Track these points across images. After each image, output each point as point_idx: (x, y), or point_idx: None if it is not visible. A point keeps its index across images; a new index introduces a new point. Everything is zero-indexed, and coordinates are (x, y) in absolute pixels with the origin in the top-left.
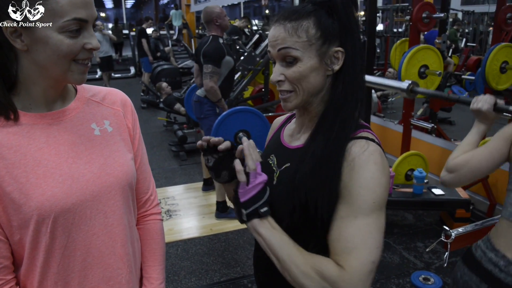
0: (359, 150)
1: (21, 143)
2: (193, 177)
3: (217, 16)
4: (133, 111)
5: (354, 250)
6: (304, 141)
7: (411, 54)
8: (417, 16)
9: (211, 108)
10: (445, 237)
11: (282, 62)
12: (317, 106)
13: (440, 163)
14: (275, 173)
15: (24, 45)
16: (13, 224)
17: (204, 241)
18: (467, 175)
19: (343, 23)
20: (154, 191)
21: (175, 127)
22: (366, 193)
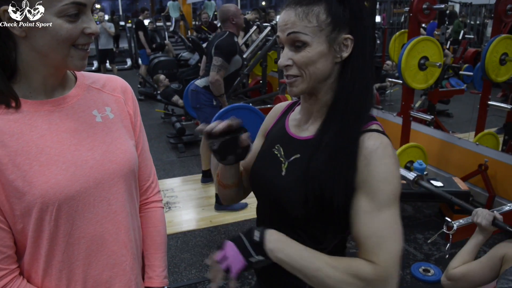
0: (373, 144)
1: (23, 130)
2: (191, 169)
3: (233, 15)
4: (133, 98)
5: (384, 244)
6: (314, 132)
7: (411, 46)
8: (418, 7)
9: (207, 99)
10: (447, 229)
11: (291, 46)
12: (325, 94)
13: (439, 155)
14: (283, 164)
15: (23, 31)
16: (16, 213)
17: (204, 233)
18: (464, 285)
19: (354, 12)
20: (155, 178)
21: (173, 119)
22: (386, 187)
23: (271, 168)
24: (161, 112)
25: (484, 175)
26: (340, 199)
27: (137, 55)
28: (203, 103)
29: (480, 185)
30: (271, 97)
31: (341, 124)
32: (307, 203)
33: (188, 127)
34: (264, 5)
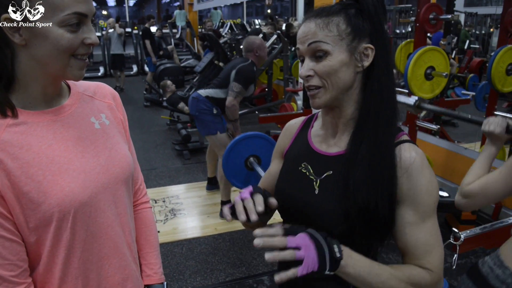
0: (410, 156)
1: (30, 141)
2: (196, 176)
3: (257, 47)
4: (121, 104)
5: (433, 251)
6: (345, 147)
7: (418, 55)
8: (424, 17)
9: (207, 107)
10: (454, 239)
11: (312, 57)
12: (349, 107)
13: (444, 165)
14: (314, 182)
15: (23, 40)
16: (30, 225)
17: (209, 241)
18: (482, 201)
19: (374, 22)
20: (142, 180)
21: (179, 126)
22: (429, 198)
23: (302, 188)
24: (166, 118)
25: None
26: (386, 211)
27: (143, 62)
28: (201, 110)
29: None
30: (276, 105)
31: (374, 137)
32: (348, 219)
33: (193, 134)
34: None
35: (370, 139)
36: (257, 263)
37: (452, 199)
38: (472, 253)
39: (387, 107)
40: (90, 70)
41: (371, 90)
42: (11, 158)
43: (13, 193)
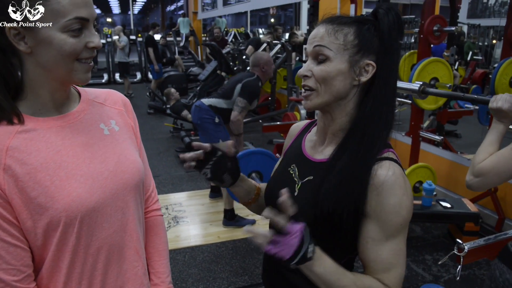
0: (384, 174)
1: (39, 147)
2: (199, 184)
3: (264, 63)
4: (132, 111)
5: (392, 269)
6: (329, 156)
7: (422, 67)
8: (428, 29)
9: (210, 116)
10: (458, 250)
11: (314, 59)
12: (340, 116)
13: (447, 176)
14: (296, 184)
15: (28, 47)
16: (38, 230)
17: (212, 249)
18: (494, 179)
19: (384, 43)
20: (154, 187)
21: (182, 134)
22: (394, 218)
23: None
24: (170, 126)
25: (494, 197)
26: (349, 223)
27: (147, 69)
28: (204, 119)
29: (490, 207)
30: (279, 114)
31: (356, 151)
32: (316, 224)
33: (197, 142)
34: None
35: (351, 153)
36: (259, 272)
37: (455, 211)
38: (476, 265)
39: (376, 125)
40: (94, 76)
41: (364, 106)
42: (19, 163)
43: (20, 199)
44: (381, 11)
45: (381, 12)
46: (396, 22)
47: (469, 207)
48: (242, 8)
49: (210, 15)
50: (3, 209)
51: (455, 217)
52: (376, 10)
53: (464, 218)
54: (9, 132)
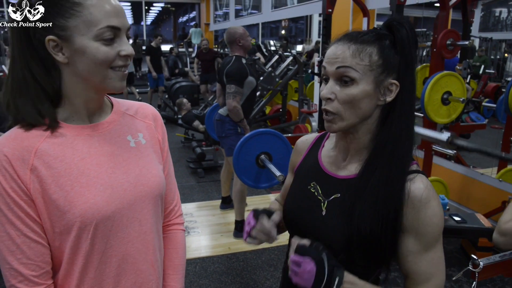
0: (418, 188)
1: (66, 153)
2: (210, 194)
3: (240, 37)
4: (162, 125)
5: (432, 278)
6: (355, 173)
7: (435, 81)
8: (442, 43)
9: (232, 127)
10: (473, 266)
11: (337, 81)
12: (364, 135)
13: (460, 190)
14: (322, 203)
15: (65, 58)
16: (56, 230)
17: (222, 260)
18: None
19: (405, 58)
20: (178, 201)
21: (194, 144)
22: (432, 229)
23: (310, 207)
24: (181, 136)
25: None
26: (388, 239)
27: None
28: (227, 132)
29: None
30: (289, 126)
31: (387, 170)
32: (351, 243)
33: (208, 152)
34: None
35: (383, 171)
36: (270, 284)
37: (468, 225)
38: (490, 281)
39: (404, 143)
40: None
41: (390, 125)
42: (45, 166)
43: (43, 199)
44: (395, 24)
45: (396, 25)
46: (412, 35)
47: (483, 222)
48: (254, 20)
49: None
50: (28, 206)
51: (468, 232)
52: (390, 23)
53: (478, 234)
54: (40, 136)
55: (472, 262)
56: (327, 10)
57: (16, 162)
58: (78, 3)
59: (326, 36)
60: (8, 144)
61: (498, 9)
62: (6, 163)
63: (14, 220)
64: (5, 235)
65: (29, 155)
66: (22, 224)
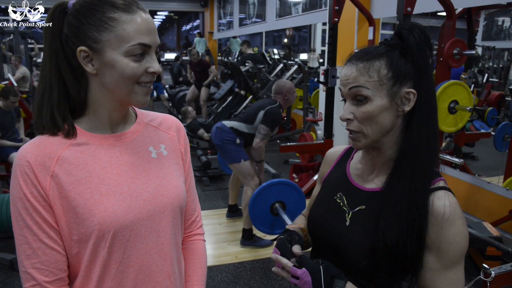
0: (443, 205)
1: (87, 161)
2: (216, 203)
3: (287, 91)
4: (185, 137)
5: None
6: (381, 186)
7: (442, 90)
8: (448, 52)
9: (231, 137)
10: (484, 276)
11: (353, 100)
12: (389, 148)
13: (466, 199)
14: (347, 214)
15: (94, 69)
16: (73, 238)
17: (230, 269)
18: None
19: (418, 65)
20: (199, 212)
21: (199, 152)
22: (455, 248)
23: (334, 217)
24: None
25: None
26: (413, 252)
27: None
28: (225, 140)
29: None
30: (294, 134)
31: (410, 180)
32: (374, 254)
33: (213, 160)
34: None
35: (406, 182)
36: None
37: (476, 234)
38: None
39: (425, 152)
40: None
41: (410, 134)
42: (66, 173)
43: (61, 205)
44: (404, 31)
45: (405, 32)
46: (424, 39)
47: (491, 231)
48: (258, 29)
49: (225, 35)
50: (46, 212)
51: (476, 241)
52: (399, 31)
53: (486, 243)
54: (63, 143)
55: (484, 272)
56: (333, 19)
57: (38, 168)
58: (113, 18)
59: (332, 46)
60: (32, 150)
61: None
62: (28, 169)
63: (31, 225)
64: (23, 238)
65: (51, 161)
66: (39, 230)
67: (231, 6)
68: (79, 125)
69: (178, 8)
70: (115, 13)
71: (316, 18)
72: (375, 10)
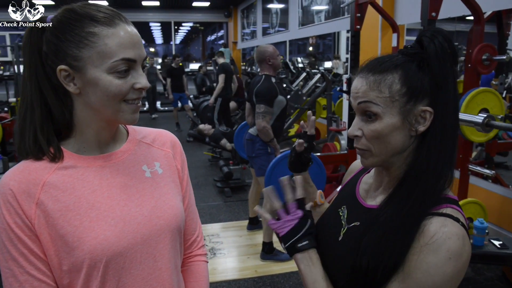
0: (434, 231)
1: (75, 185)
2: (237, 214)
3: (270, 56)
4: (181, 152)
5: None
6: (379, 203)
7: (470, 97)
8: (477, 58)
9: (262, 147)
10: None
11: (362, 116)
12: (399, 168)
13: (499, 212)
14: (342, 228)
15: (77, 88)
16: (64, 268)
17: (249, 284)
18: None
19: (436, 79)
20: (200, 232)
21: (221, 163)
22: (423, 279)
23: (331, 230)
24: (209, 155)
25: None
26: (384, 279)
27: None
28: (257, 151)
29: None
30: (318, 144)
31: (404, 203)
32: (352, 275)
33: (235, 171)
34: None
35: (399, 204)
36: None
37: (510, 251)
38: None
39: (431, 175)
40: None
41: (418, 155)
42: (53, 200)
43: (49, 235)
44: (425, 39)
45: (426, 40)
46: (446, 47)
47: None
48: (281, 38)
49: (249, 45)
50: (32, 242)
51: (509, 258)
52: (420, 38)
53: None
54: (48, 168)
55: None
56: (355, 27)
57: (22, 196)
58: (93, 33)
59: (354, 53)
60: (14, 177)
61: None
62: (11, 197)
63: (17, 257)
64: (9, 271)
65: (36, 188)
66: (25, 261)
67: (255, 16)
68: (65, 147)
69: (202, 19)
70: (95, 28)
71: (338, 26)
72: (399, 16)
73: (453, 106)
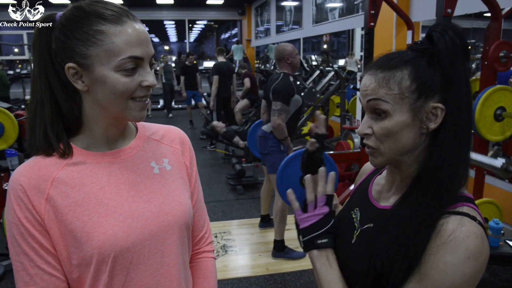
0: (452, 230)
1: (84, 182)
2: (249, 212)
3: (288, 54)
4: (190, 149)
5: None
6: (393, 204)
7: (487, 95)
8: (494, 55)
9: (275, 145)
10: None
11: (372, 114)
12: (410, 167)
13: None
14: (355, 230)
15: (85, 86)
16: (73, 262)
17: (260, 281)
18: None
19: (447, 75)
20: (208, 228)
21: (233, 161)
22: (442, 278)
23: (344, 232)
24: (222, 152)
25: None
26: (398, 281)
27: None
28: (270, 149)
29: None
30: (331, 142)
31: (420, 202)
32: (367, 277)
33: (248, 169)
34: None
35: (414, 203)
36: None
37: None
38: None
39: (446, 173)
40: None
41: (432, 153)
42: (62, 196)
43: (58, 229)
44: (435, 34)
45: (436, 36)
46: (457, 43)
47: None
48: (295, 36)
49: (263, 43)
50: (42, 237)
51: None
52: (430, 33)
53: None
54: (58, 164)
55: None
56: (369, 24)
57: (32, 192)
58: (101, 31)
59: (368, 51)
60: (25, 173)
61: None
62: (22, 193)
63: (28, 251)
64: (20, 265)
65: (46, 184)
66: (36, 255)
67: (268, 13)
68: (75, 144)
69: (217, 17)
70: (103, 26)
71: (352, 23)
72: (414, 12)
73: (465, 103)
